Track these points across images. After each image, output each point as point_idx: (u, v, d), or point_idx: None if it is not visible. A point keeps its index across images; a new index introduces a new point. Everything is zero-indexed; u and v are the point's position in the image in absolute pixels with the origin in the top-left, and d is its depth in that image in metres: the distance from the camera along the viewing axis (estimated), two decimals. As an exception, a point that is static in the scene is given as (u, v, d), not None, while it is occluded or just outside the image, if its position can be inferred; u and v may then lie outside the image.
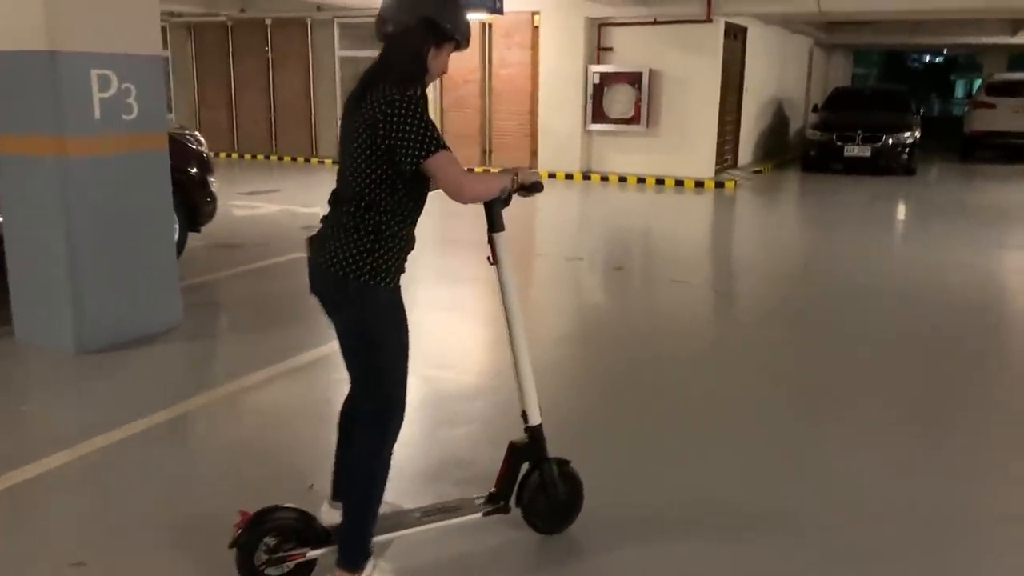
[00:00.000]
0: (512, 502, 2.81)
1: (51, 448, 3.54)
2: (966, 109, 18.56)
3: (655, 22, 12.77)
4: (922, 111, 16.27)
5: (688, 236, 9.52)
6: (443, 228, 8.42)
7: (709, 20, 12.19)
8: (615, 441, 3.77)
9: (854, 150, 13.83)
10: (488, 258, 2.62)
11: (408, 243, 2.49)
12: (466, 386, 4.49)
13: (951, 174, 15.13)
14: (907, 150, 13.88)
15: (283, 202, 10.67)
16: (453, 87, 14.07)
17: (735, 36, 13.80)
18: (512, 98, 13.95)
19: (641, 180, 13.11)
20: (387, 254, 2.40)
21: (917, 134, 14.10)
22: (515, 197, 2.63)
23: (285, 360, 4.68)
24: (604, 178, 13.33)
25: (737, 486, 3.34)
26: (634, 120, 13.13)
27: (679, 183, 12.88)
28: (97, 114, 4.55)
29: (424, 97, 2.39)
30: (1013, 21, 17.33)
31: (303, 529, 2.54)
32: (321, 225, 2.52)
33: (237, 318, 5.88)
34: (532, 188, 2.63)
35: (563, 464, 2.87)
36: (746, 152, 15.09)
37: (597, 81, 13.20)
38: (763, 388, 4.48)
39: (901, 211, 11.42)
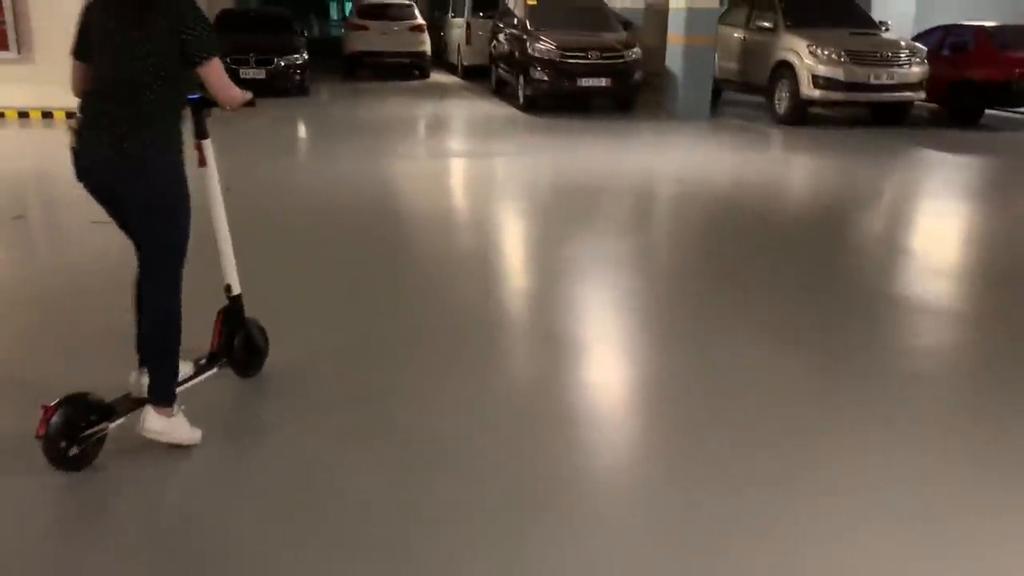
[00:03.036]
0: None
1: None
2: (343, 31, 20.09)
3: (6, -70, 11.10)
4: (306, 33, 17.19)
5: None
6: None
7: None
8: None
9: (250, 73, 14.09)
10: (199, 161, 3.16)
11: (182, 123, 2.98)
12: None
13: (341, 93, 16.40)
14: (299, 72, 14.64)
15: None
16: None
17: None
18: None
19: (24, 115, 11.57)
20: (175, 131, 2.93)
21: (305, 55, 14.92)
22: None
23: None
24: (-26, 115, 11.43)
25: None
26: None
27: (71, 115, 11.67)
28: None
29: None
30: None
31: (96, 407, 2.92)
32: (83, 117, 2.88)
33: None
34: (248, 104, 3.15)
35: (256, 322, 3.63)
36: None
37: (-59, -2, 11.07)
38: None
39: (304, 132, 12.11)
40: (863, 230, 7.08)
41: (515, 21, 13.63)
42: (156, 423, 2.98)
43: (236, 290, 3.46)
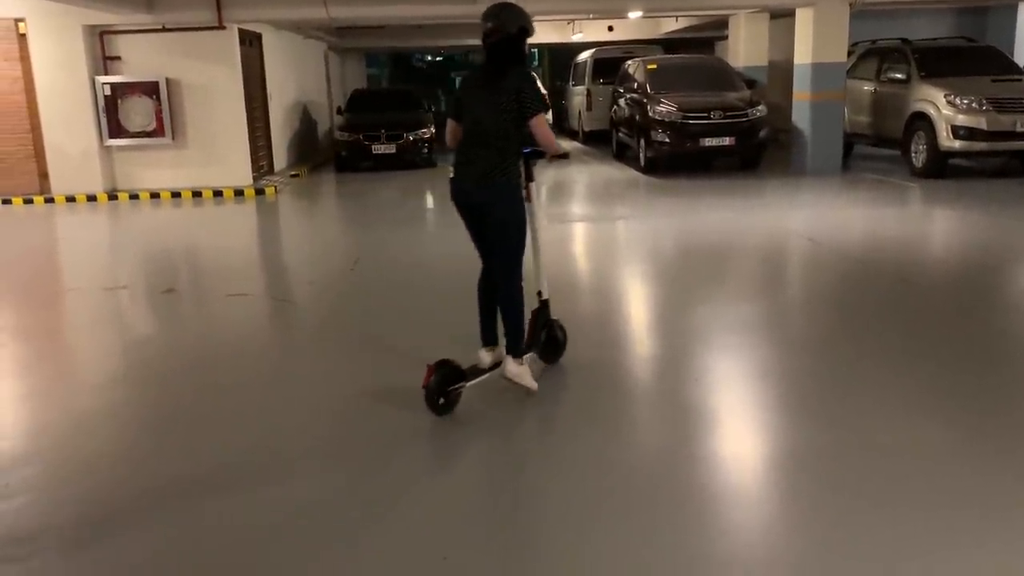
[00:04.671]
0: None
1: None
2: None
3: (164, 29, 12.16)
4: (432, 107, 17.87)
5: (238, 246, 9.33)
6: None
7: (222, 27, 11.96)
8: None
9: (381, 148, 14.74)
10: (526, 198, 4.14)
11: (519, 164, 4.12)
12: (10, 453, 3.92)
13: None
14: (426, 145, 15.18)
15: None
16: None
17: (251, 43, 13.73)
18: (5, 116, 12.23)
19: (176, 194, 12.47)
20: (516, 169, 4.05)
21: (432, 129, 15.45)
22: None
23: None
24: (134, 196, 12.40)
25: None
26: (158, 132, 12.41)
27: (218, 194, 12.52)
28: None
29: None
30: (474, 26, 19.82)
31: (458, 370, 4.00)
32: (458, 158, 4.12)
33: None
34: (563, 156, 4.29)
35: (559, 323, 4.63)
36: (280, 157, 15.17)
37: (108, 93, 12.18)
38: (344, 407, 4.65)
39: (429, 202, 12.48)
40: (1019, 289, 6.57)
41: (635, 85, 13.70)
42: (513, 368, 4.13)
43: (546, 295, 4.44)
